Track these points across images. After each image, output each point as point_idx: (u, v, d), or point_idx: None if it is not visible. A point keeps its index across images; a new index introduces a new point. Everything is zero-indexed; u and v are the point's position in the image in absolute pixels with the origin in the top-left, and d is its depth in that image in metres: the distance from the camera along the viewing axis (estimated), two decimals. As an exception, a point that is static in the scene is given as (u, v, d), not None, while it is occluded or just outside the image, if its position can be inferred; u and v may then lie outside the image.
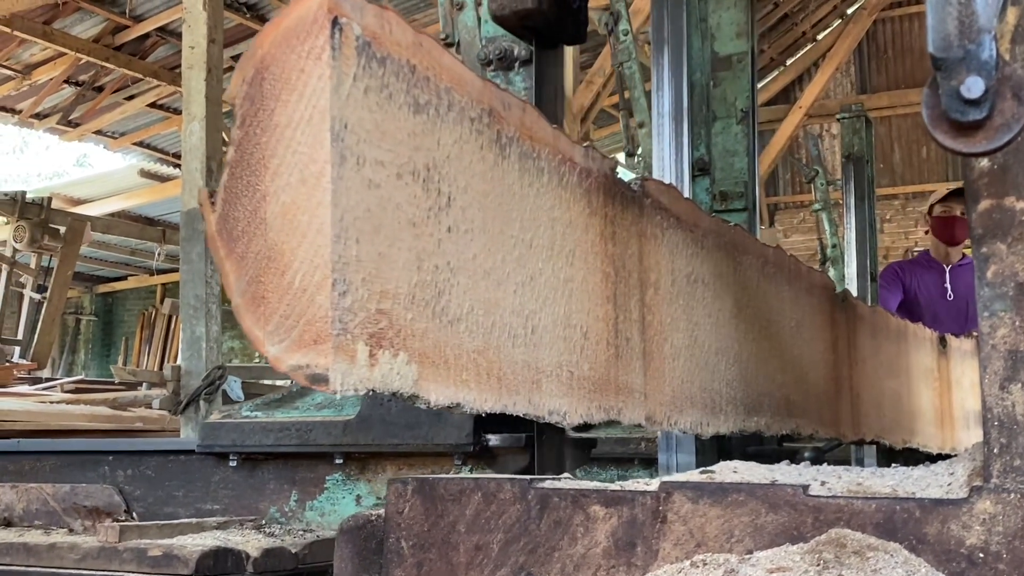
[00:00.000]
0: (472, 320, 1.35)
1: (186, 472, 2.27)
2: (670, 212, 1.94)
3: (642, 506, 1.27)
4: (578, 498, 1.31)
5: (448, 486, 1.38)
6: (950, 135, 1.11)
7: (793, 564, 1.13)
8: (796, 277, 2.55)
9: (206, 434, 2.22)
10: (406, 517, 1.40)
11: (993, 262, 1.19)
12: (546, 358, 1.52)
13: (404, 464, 2.13)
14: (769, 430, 2.28)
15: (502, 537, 1.34)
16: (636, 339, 1.79)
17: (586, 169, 1.67)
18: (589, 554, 1.28)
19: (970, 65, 1.07)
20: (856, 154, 5.40)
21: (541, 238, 1.53)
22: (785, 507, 1.21)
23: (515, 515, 1.33)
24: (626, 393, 1.74)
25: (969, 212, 1.22)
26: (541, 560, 1.31)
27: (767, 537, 1.20)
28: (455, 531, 1.36)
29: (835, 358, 2.82)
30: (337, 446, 2.12)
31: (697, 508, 1.25)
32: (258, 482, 2.20)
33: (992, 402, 1.17)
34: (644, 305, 1.83)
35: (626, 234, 1.78)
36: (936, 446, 3.86)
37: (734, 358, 2.16)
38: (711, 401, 2.04)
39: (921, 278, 5.56)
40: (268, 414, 2.23)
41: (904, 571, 1.11)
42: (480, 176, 1.39)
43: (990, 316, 1.19)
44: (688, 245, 2.01)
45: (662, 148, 2.95)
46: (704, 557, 1.21)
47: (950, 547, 1.13)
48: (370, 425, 2.07)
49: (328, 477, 2.19)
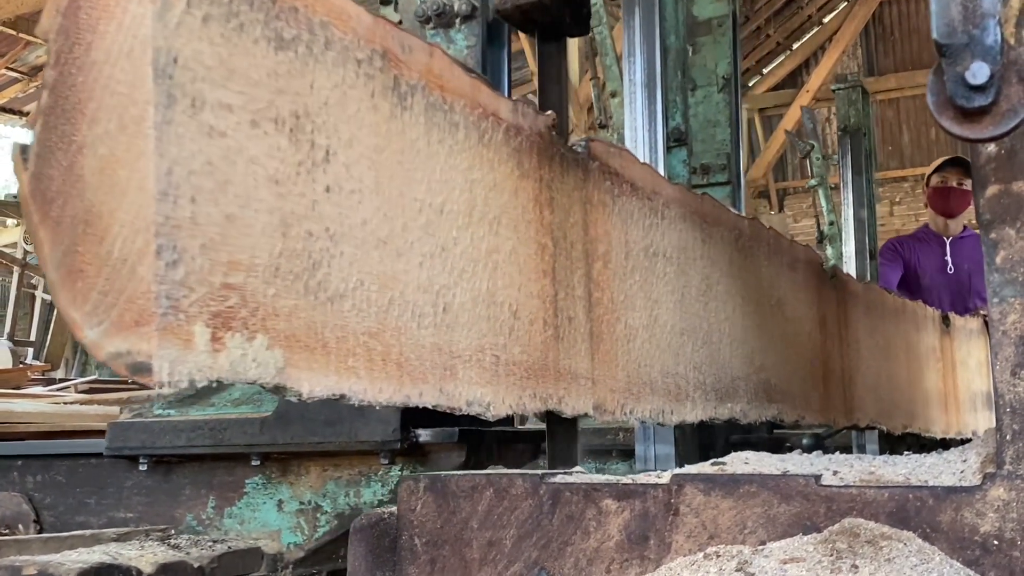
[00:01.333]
0: (362, 297, 1.15)
1: (97, 477, 2.07)
2: (622, 177, 1.73)
3: (654, 499, 1.27)
4: (590, 492, 1.31)
5: (460, 482, 1.38)
6: (956, 121, 1.10)
7: (806, 555, 1.12)
8: (776, 251, 2.34)
9: (114, 435, 2.01)
10: (418, 514, 1.40)
11: (1002, 248, 1.18)
12: (463, 341, 1.32)
13: (329, 464, 1.94)
14: (746, 417, 2.09)
15: (515, 532, 1.34)
16: (581, 318, 1.58)
17: (515, 126, 1.46)
18: (602, 548, 1.28)
19: (975, 51, 1.07)
20: (853, 127, 5.16)
21: (456, 203, 1.32)
22: (797, 497, 1.20)
23: (527, 510, 1.34)
24: (569, 379, 1.53)
25: (977, 198, 1.21)
26: (554, 555, 1.31)
27: (780, 528, 1.20)
28: (468, 527, 1.37)
29: (823, 338, 2.63)
30: (253, 446, 1.92)
31: (709, 500, 1.25)
32: (173, 487, 2.00)
33: (1004, 388, 1.16)
34: (591, 280, 1.62)
35: (567, 201, 1.57)
36: (940, 430, 3.65)
37: (703, 340, 1.95)
38: (675, 387, 1.83)
39: (921, 252, 5.30)
40: (182, 412, 2.03)
41: (918, 559, 1.09)
42: (371, 129, 1.18)
43: (1000, 302, 1.18)
44: (646, 215, 1.80)
45: (634, 118, 2.77)
46: (717, 549, 1.21)
47: (964, 535, 1.12)
48: (288, 422, 1.88)
49: (248, 481, 1.99)
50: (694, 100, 3.06)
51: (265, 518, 1.97)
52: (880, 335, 3.12)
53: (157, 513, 2.00)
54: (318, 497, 1.96)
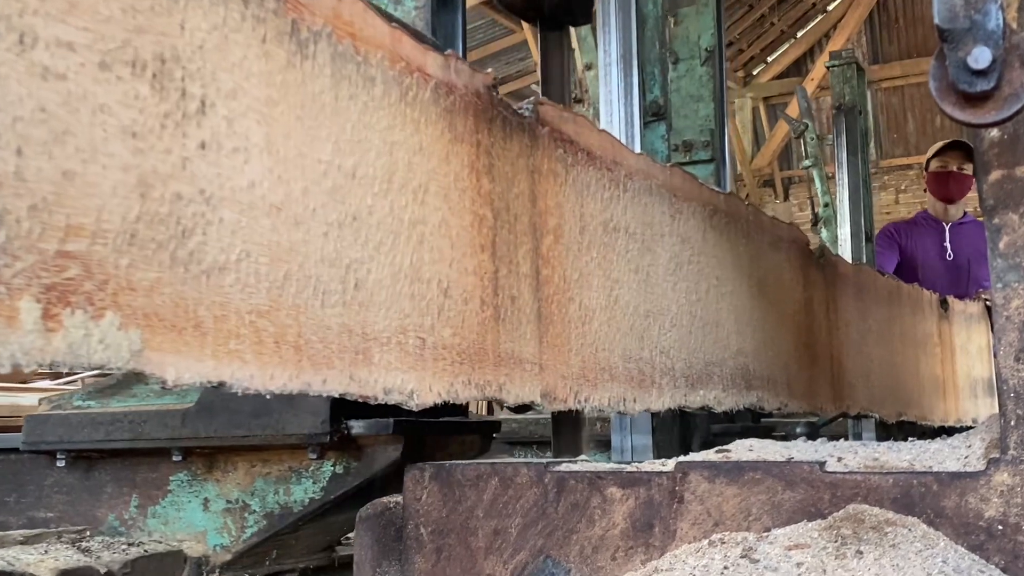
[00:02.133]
0: (248, 270, 1.00)
1: (16, 474, 1.92)
2: (577, 145, 1.59)
3: (659, 487, 1.28)
4: (595, 480, 1.31)
5: (465, 471, 1.38)
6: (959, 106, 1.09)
7: (811, 541, 1.13)
8: (757, 230, 2.19)
9: (31, 429, 1.86)
10: (424, 503, 1.41)
11: (1005, 233, 1.18)
12: (381, 321, 1.17)
13: (257, 460, 1.79)
14: (721, 405, 1.96)
15: (520, 521, 1.35)
16: (527, 298, 1.43)
17: (446, 84, 1.31)
18: (607, 536, 1.29)
19: (977, 35, 1.06)
20: (848, 104, 4.97)
21: (372, 167, 1.18)
22: (802, 484, 1.21)
23: (532, 499, 1.34)
24: (511, 364, 1.38)
25: (980, 183, 1.21)
26: (559, 543, 1.32)
27: (784, 514, 1.21)
28: (473, 516, 1.37)
29: (810, 322, 2.46)
30: (175, 440, 1.77)
31: (714, 487, 1.25)
32: (94, 485, 1.85)
33: (1008, 374, 1.16)
34: (539, 256, 1.47)
35: (510, 169, 1.43)
36: (938, 418, 3.51)
37: (672, 322, 1.80)
38: (639, 372, 1.69)
39: (919, 238, 5.09)
40: (102, 403, 1.88)
41: (923, 545, 1.09)
42: (262, 79, 1.04)
43: (1004, 287, 1.17)
44: (605, 186, 1.65)
45: (610, 91, 2.63)
46: (722, 536, 1.21)
47: (969, 520, 1.12)
48: (212, 414, 1.73)
49: (172, 478, 1.84)
50: (676, 74, 2.91)
51: (190, 518, 1.83)
52: (873, 319, 2.96)
53: (79, 512, 1.86)
54: (246, 495, 1.81)
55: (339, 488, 1.75)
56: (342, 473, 1.73)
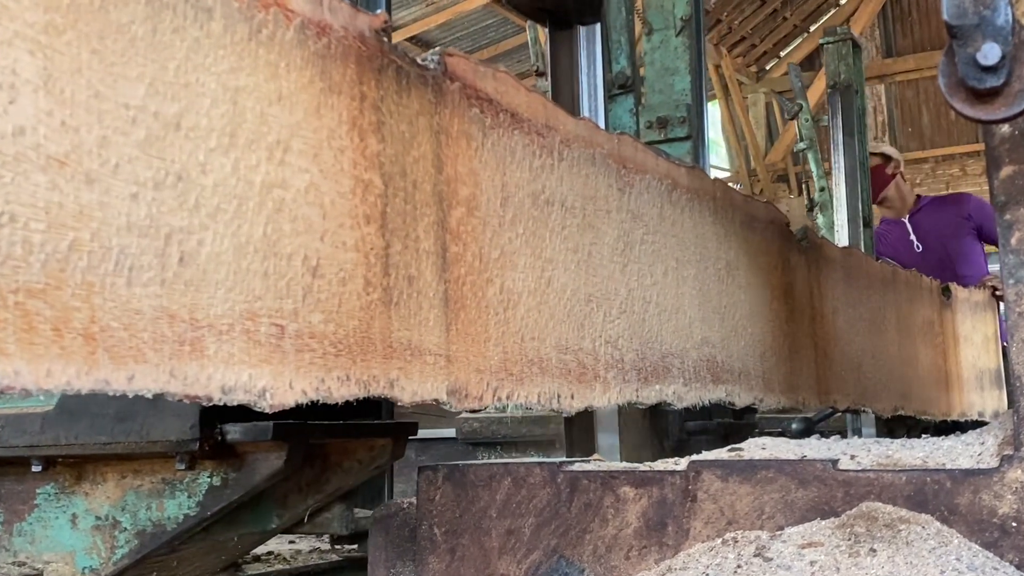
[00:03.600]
0: (12, 239, 0.79)
1: None
2: (498, 106, 1.37)
3: (671, 486, 1.28)
4: (607, 480, 1.32)
5: (478, 472, 1.39)
6: (968, 103, 1.09)
7: (825, 539, 1.13)
8: (726, 207, 1.99)
9: None
10: (437, 504, 1.41)
11: (1017, 228, 1.18)
12: (219, 305, 0.96)
13: (128, 470, 1.57)
14: (682, 400, 1.78)
15: (533, 521, 1.35)
16: (429, 279, 1.22)
17: (317, 23, 1.10)
18: (620, 535, 1.30)
19: (986, 31, 1.06)
20: (843, 83, 4.75)
21: (205, 116, 0.96)
22: (815, 482, 1.21)
23: (545, 498, 1.35)
24: (407, 356, 1.17)
25: (991, 179, 1.21)
26: (573, 542, 1.32)
27: (798, 513, 1.21)
28: (487, 516, 1.38)
29: (790, 309, 2.29)
30: (34, 448, 1.56)
31: (727, 486, 1.25)
32: (-43, 498, 1.66)
33: (1020, 370, 1.16)
34: (446, 231, 1.26)
35: (408, 128, 1.21)
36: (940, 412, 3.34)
37: (620, 309, 1.59)
38: (578, 365, 1.48)
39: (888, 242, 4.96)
40: (-38, 405, 1.68)
41: (936, 542, 1.10)
42: (38, 1, 0.83)
43: (1016, 283, 1.18)
44: (535, 154, 1.44)
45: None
46: (735, 534, 1.22)
47: (982, 517, 1.13)
48: (75, 419, 1.51)
49: (39, 491, 1.64)
50: (650, 46, 2.70)
51: (57, 536, 1.62)
52: (864, 307, 2.76)
53: (-58, 529, 1.65)
54: (116, 511, 1.61)
55: (217, 503, 1.54)
56: (220, 485, 1.52)
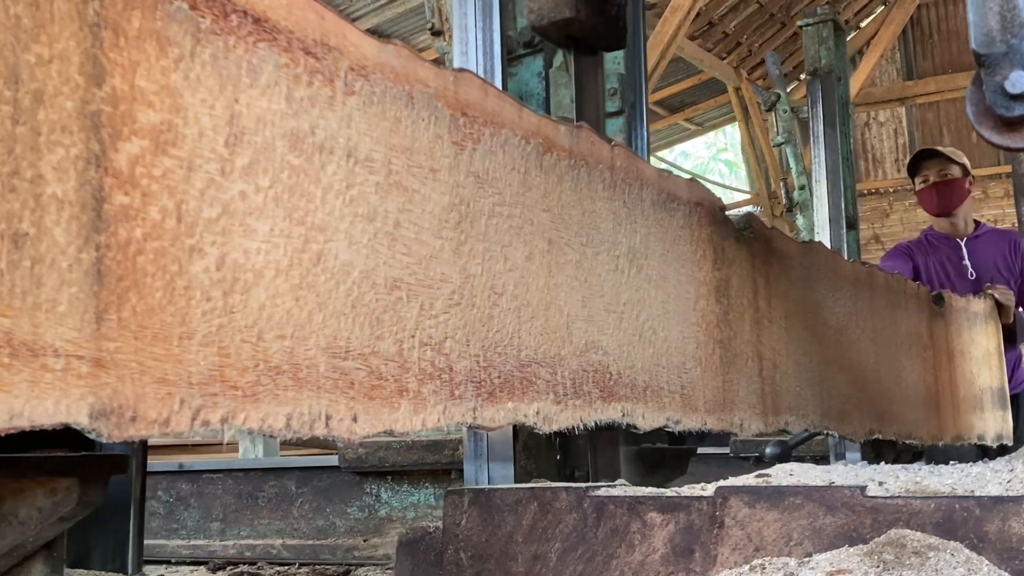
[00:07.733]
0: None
1: None
2: (230, 6, 1.03)
3: (699, 512, 1.27)
4: (634, 505, 1.31)
5: (504, 496, 1.37)
6: (996, 130, 1.10)
7: (853, 566, 1.12)
8: (629, 181, 1.68)
9: None
10: (463, 528, 1.40)
11: None
12: None
13: None
14: (551, 423, 1.45)
15: (559, 546, 1.34)
16: (61, 241, 0.87)
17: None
18: (647, 561, 1.28)
19: (1014, 60, 1.07)
20: (824, 69, 4.18)
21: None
22: (843, 509, 1.20)
23: (571, 524, 1.34)
24: (6, 358, 0.81)
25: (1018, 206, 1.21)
26: (599, 568, 1.31)
27: (826, 539, 1.20)
28: (512, 541, 1.37)
29: (724, 310, 1.95)
30: None
31: (754, 512, 1.24)
32: None
33: None
34: (109, 173, 0.92)
35: (40, 16, 0.86)
36: (928, 436, 2.98)
37: (450, 299, 1.30)
38: (368, 375, 1.17)
39: (934, 256, 4.45)
40: None
41: (966, 570, 1.09)
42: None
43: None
44: (298, 80, 1.12)
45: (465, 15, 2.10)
46: (763, 561, 1.21)
47: (1012, 544, 1.11)
48: None
49: None
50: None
51: None
52: (830, 312, 2.38)
53: None
54: None
55: None
56: None
